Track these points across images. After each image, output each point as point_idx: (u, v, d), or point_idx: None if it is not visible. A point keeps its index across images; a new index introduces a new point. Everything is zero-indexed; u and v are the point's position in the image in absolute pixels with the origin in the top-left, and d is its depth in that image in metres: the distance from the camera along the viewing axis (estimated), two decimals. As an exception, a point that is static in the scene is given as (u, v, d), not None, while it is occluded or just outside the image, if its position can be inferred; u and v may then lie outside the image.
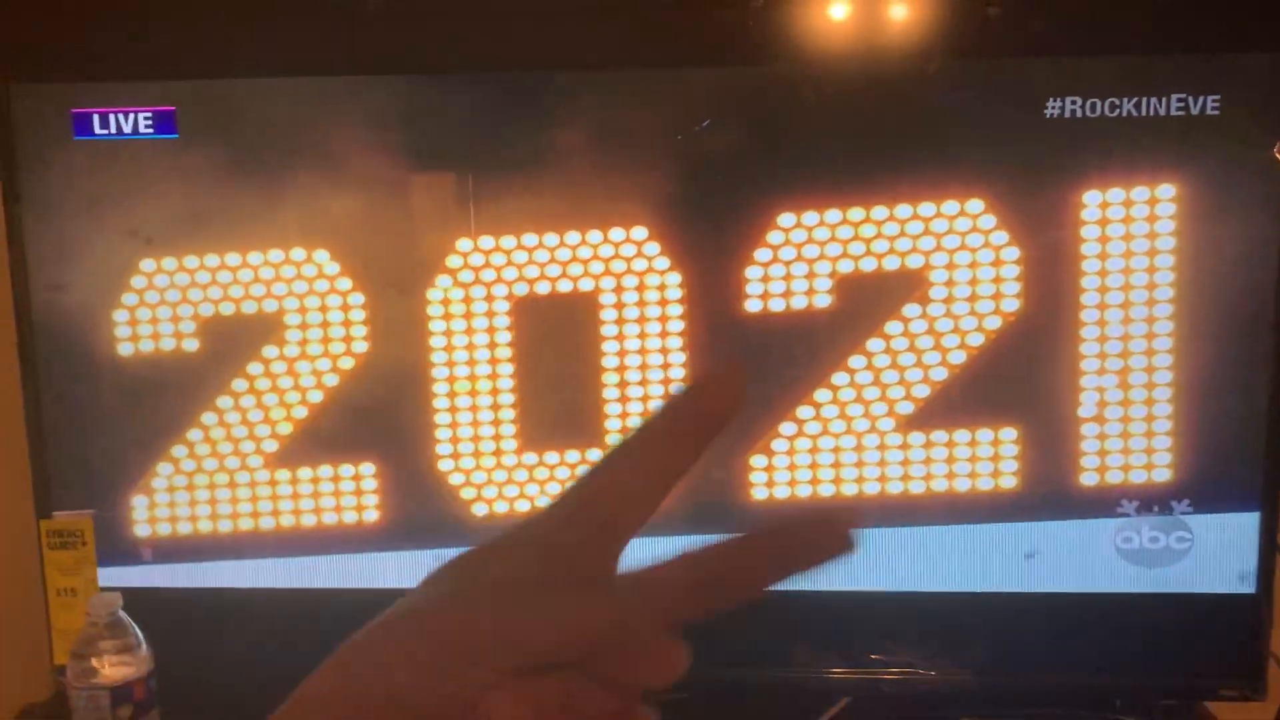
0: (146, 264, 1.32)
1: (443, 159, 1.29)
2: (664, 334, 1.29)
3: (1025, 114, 1.23)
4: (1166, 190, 1.23)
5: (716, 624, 0.51)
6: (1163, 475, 1.28)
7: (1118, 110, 1.22)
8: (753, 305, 1.28)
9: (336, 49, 1.28)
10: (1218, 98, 1.21)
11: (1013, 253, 1.26)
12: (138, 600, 1.23)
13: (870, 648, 1.33)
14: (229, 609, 1.36)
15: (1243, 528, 1.28)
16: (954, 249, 1.26)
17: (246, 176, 1.29)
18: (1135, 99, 1.22)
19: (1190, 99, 1.22)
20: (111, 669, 1.15)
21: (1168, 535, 1.29)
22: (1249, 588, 1.29)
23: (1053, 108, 1.23)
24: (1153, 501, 1.29)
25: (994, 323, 1.27)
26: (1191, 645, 1.32)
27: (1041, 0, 1.24)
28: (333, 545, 1.35)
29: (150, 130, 1.29)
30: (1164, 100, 1.22)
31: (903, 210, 1.26)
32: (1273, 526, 1.28)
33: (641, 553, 0.51)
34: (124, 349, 1.33)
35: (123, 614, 1.18)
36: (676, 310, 1.29)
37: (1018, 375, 1.28)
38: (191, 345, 1.33)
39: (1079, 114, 1.23)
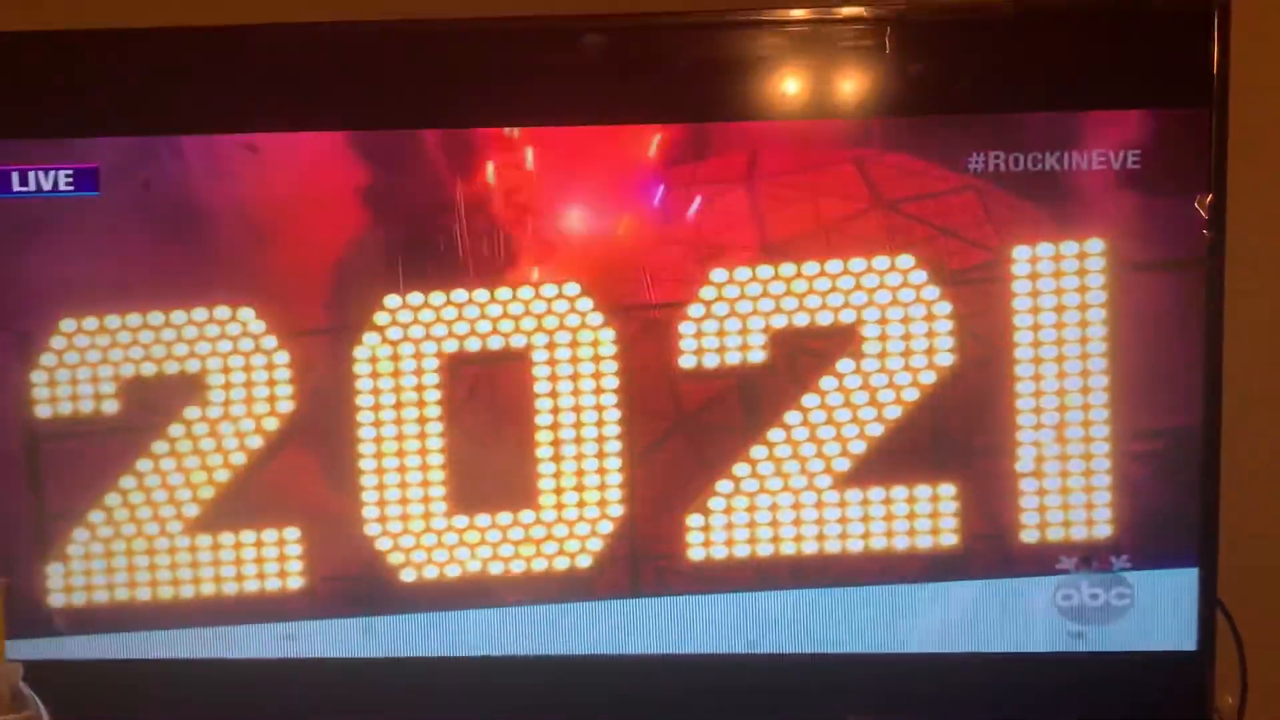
0: (67, 324, 1.21)
1: (369, 216, 1.19)
2: (598, 390, 1.19)
3: (949, 170, 1.16)
4: (1095, 245, 1.16)
5: (666, 694, 0.40)
6: (1101, 531, 1.19)
7: (1040, 165, 1.16)
8: (687, 361, 1.19)
9: (263, 106, 1.19)
10: (1138, 153, 1.15)
11: (945, 308, 1.18)
12: (50, 674, 1.10)
13: (810, 711, 1.22)
14: (148, 681, 1.23)
15: (1183, 584, 1.19)
16: (886, 304, 1.18)
17: (170, 234, 1.20)
18: (1058, 154, 1.15)
19: (1111, 154, 1.16)
20: (9, 747, 1.01)
21: (1107, 591, 1.20)
22: (1190, 645, 1.19)
23: (975, 163, 1.16)
24: (1092, 557, 1.19)
25: (928, 378, 1.18)
26: (1135, 705, 1.22)
27: (962, 60, 1.18)
28: (256, 614, 1.22)
29: (71, 188, 1.19)
30: (1086, 155, 1.15)
31: (834, 265, 1.18)
32: (1212, 581, 1.20)
33: (590, 618, 0.41)
34: (41, 411, 1.21)
35: (24, 687, 1.04)
36: (611, 367, 1.19)
37: (954, 431, 1.19)
38: (111, 407, 1.21)
39: (1002, 169, 1.16)
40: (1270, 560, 1.33)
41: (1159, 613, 1.20)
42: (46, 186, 1.19)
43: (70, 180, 1.19)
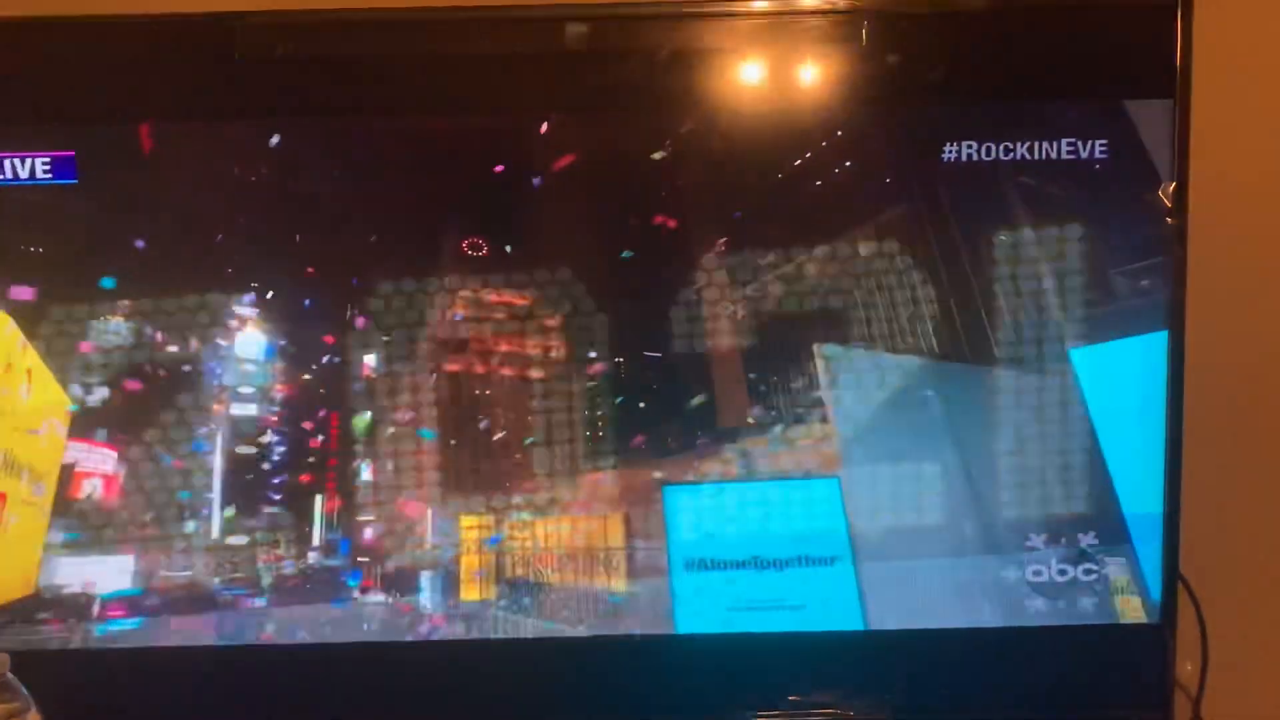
0: (56, 312, 1.16)
1: (360, 204, 1.17)
2: (590, 376, 1.18)
3: (922, 159, 1.17)
4: (1074, 230, 1.18)
5: (634, 668, 0.39)
6: (1072, 509, 1.20)
7: (1012, 154, 1.17)
8: (678, 345, 1.18)
9: (243, 93, 1.16)
10: (1105, 143, 1.17)
11: (929, 292, 1.18)
12: (37, 664, 1.05)
13: (787, 689, 1.22)
14: (134, 670, 1.19)
15: (1147, 560, 1.20)
16: (873, 289, 1.18)
17: (153, 222, 1.16)
18: (1028, 144, 1.16)
19: (1080, 144, 1.17)
20: (-1, 738, 0.97)
21: (1075, 567, 1.21)
22: (1154, 618, 1.21)
23: (949, 152, 1.16)
24: (1060, 535, 1.20)
25: (913, 362, 1.19)
26: (1100, 677, 1.23)
27: (936, 51, 1.18)
28: (242, 602, 1.18)
29: (48, 176, 1.15)
30: (1055, 145, 1.17)
31: (820, 251, 1.18)
32: (1174, 558, 1.21)
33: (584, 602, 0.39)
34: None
35: (11, 676, 1.00)
36: (603, 352, 1.18)
37: (938, 412, 1.19)
38: (102, 394, 1.17)
39: (974, 158, 1.16)
40: (1228, 538, 1.36)
41: (1124, 587, 1.21)
42: (24, 174, 1.15)
43: (48, 168, 1.15)
